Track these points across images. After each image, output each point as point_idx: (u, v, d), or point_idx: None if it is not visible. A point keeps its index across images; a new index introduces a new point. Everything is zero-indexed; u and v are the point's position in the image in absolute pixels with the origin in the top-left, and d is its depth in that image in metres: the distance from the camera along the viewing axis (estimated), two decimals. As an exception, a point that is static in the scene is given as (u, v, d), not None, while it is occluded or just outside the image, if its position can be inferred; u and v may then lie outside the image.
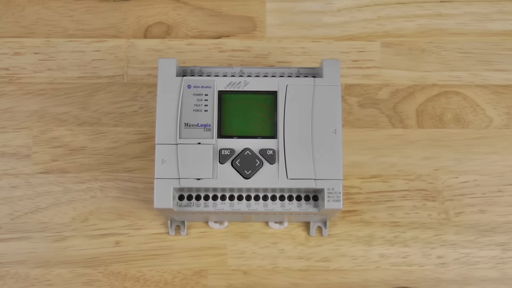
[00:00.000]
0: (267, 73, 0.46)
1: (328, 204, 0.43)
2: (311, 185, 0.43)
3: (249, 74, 0.46)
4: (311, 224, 0.50)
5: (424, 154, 0.52)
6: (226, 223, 0.51)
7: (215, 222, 0.51)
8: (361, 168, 0.52)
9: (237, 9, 0.55)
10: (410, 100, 0.53)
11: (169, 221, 0.50)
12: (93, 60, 0.54)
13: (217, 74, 0.46)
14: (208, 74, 0.46)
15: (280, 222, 0.51)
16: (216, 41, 0.55)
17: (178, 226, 0.51)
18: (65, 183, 0.52)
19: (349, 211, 0.51)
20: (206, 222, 0.51)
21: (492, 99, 0.54)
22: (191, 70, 0.46)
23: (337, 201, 0.43)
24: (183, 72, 0.46)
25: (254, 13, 0.55)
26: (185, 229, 0.50)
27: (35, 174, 0.52)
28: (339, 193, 0.43)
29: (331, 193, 0.43)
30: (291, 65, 0.53)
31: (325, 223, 0.50)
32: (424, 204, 0.51)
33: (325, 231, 0.51)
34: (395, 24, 0.53)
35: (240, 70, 0.46)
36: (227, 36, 0.55)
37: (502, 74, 0.54)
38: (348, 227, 0.51)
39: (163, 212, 0.46)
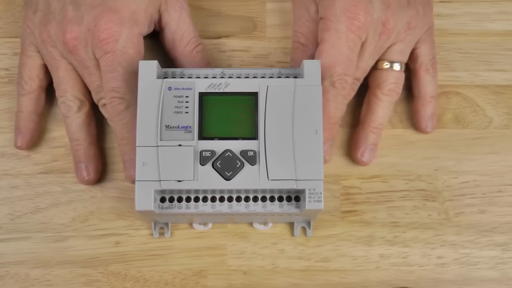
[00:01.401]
0: (248, 74, 0.46)
1: (309, 204, 0.43)
2: (292, 185, 0.43)
3: (231, 76, 0.45)
4: (295, 225, 0.50)
5: (424, 154, 0.53)
6: (210, 225, 0.51)
7: (200, 223, 0.51)
8: (361, 168, 0.52)
9: (237, 9, 0.55)
10: (410, 101, 0.53)
11: (153, 223, 0.50)
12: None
13: (198, 76, 0.46)
14: (190, 76, 0.46)
15: (265, 223, 0.51)
16: (216, 41, 0.55)
17: (162, 228, 0.51)
18: (65, 183, 0.52)
19: (349, 211, 0.51)
20: (190, 224, 0.51)
21: (492, 99, 0.54)
22: (173, 72, 0.46)
23: (318, 201, 0.43)
24: (164, 74, 0.46)
25: (254, 13, 0.55)
26: (169, 231, 0.50)
27: (35, 174, 0.52)
28: (320, 193, 0.43)
29: (312, 193, 0.43)
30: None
31: (309, 223, 0.50)
32: (424, 204, 0.51)
33: (309, 231, 0.51)
34: (395, 24, 0.53)
35: (222, 72, 0.46)
36: (227, 36, 0.55)
37: (502, 74, 0.54)
38: (348, 227, 0.51)
39: (145, 214, 0.46)
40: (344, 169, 0.52)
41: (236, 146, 0.44)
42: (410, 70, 0.52)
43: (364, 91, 0.52)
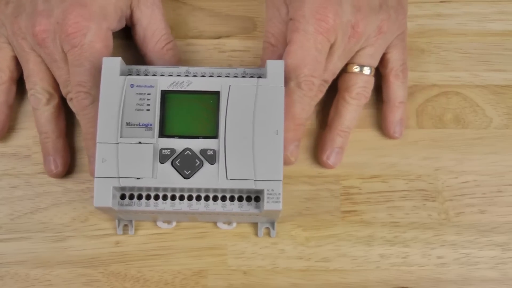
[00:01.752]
0: (213, 73, 0.46)
1: (268, 205, 0.43)
2: (251, 185, 0.43)
3: (195, 74, 0.45)
4: (259, 225, 0.50)
5: (424, 154, 0.53)
6: (174, 223, 0.51)
7: (163, 222, 0.51)
8: (361, 168, 0.52)
9: (237, 9, 0.55)
10: (410, 101, 0.53)
11: (117, 220, 0.50)
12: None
13: (162, 74, 0.46)
14: (154, 74, 0.46)
15: (229, 223, 0.51)
16: (216, 41, 0.55)
17: (126, 225, 0.51)
18: (65, 183, 0.52)
19: (349, 211, 0.51)
20: (155, 222, 0.51)
21: (492, 99, 0.54)
22: (137, 69, 0.46)
23: (276, 202, 0.43)
24: (129, 71, 0.46)
25: (254, 13, 0.55)
26: (133, 228, 0.50)
27: (35, 174, 0.52)
28: (279, 194, 0.43)
29: (270, 194, 0.43)
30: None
31: (273, 224, 0.50)
32: (424, 204, 0.51)
33: (273, 232, 0.50)
34: (395, 24, 0.53)
35: (186, 70, 0.46)
36: (227, 36, 0.55)
37: (502, 74, 0.54)
38: (348, 227, 0.51)
39: (105, 211, 0.46)
40: (344, 169, 0.52)
41: (196, 144, 0.44)
42: (380, 75, 0.52)
43: (335, 94, 0.52)
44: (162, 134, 0.44)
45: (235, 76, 0.46)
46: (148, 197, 0.44)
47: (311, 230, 0.51)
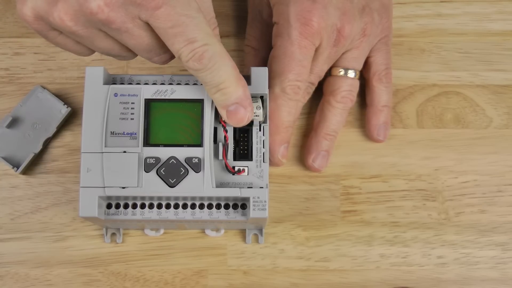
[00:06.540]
0: (197, 81, 0.45)
1: (254, 213, 0.43)
2: (237, 193, 0.43)
3: (179, 82, 0.45)
4: (247, 232, 0.50)
5: (424, 154, 0.53)
6: (162, 231, 0.51)
7: (151, 229, 0.51)
8: (361, 168, 0.52)
9: (237, 9, 0.55)
10: (410, 100, 0.53)
11: (104, 229, 0.50)
12: (93, 60, 0.54)
13: (146, 82, 0.45)
14: (138, 82, 0.45)
15: (217, 230, 0.51)
16: (216, 41, 0.54)
17: (114, 233, 0.51)
18: (65, 183, 0.52)
19: (349, 211, 0.51)
20: (142, 230, 0.51)
21: (492, 99, 0.54)
22: (121, 78, 0.46)
23: (262, 209, 0.43)
24: (112, 80, 0.46)
25: (254, 13, 0.55)
26: (121, 237, 0.50)
27: (35, 174, 0.52)
28: (265, 201, 0.43)
29: (256, 201, 0.43)
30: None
31: (261, 230, 0.50)
32: (424, 204, 0.51)
33: (261, 239, 0.50)
34: (395, 24, 0.53)
35: (170, 78, 0.45)
36: (227, 36, 0.55)
37: (502, 74, 0.54)
38: (348, 227, 0.51)
39: (92, 220, 0.45)
40: (344, 169, 0.52)
41: (181, 153, 0.44)
42: (364, 78, 0.52)
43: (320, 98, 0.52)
44: (147, 143, 0.44)
45: None
46: (134, 206, 0.44)
47: (311, 230, 0.51)
